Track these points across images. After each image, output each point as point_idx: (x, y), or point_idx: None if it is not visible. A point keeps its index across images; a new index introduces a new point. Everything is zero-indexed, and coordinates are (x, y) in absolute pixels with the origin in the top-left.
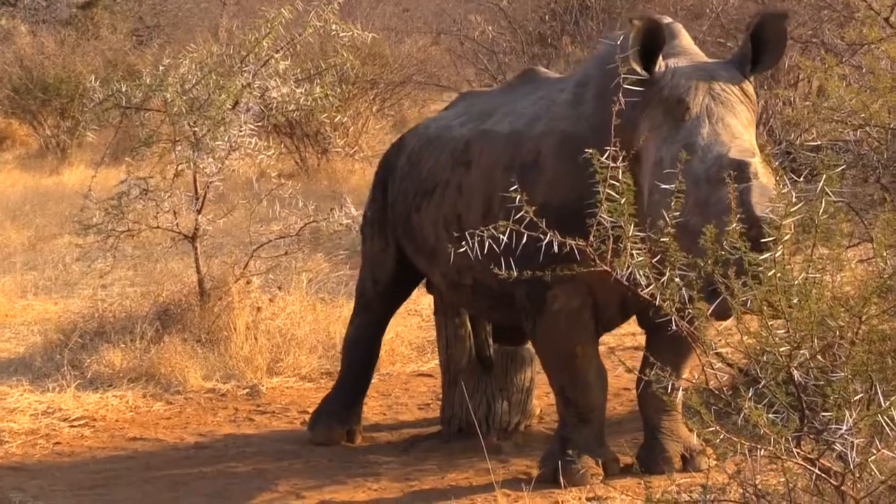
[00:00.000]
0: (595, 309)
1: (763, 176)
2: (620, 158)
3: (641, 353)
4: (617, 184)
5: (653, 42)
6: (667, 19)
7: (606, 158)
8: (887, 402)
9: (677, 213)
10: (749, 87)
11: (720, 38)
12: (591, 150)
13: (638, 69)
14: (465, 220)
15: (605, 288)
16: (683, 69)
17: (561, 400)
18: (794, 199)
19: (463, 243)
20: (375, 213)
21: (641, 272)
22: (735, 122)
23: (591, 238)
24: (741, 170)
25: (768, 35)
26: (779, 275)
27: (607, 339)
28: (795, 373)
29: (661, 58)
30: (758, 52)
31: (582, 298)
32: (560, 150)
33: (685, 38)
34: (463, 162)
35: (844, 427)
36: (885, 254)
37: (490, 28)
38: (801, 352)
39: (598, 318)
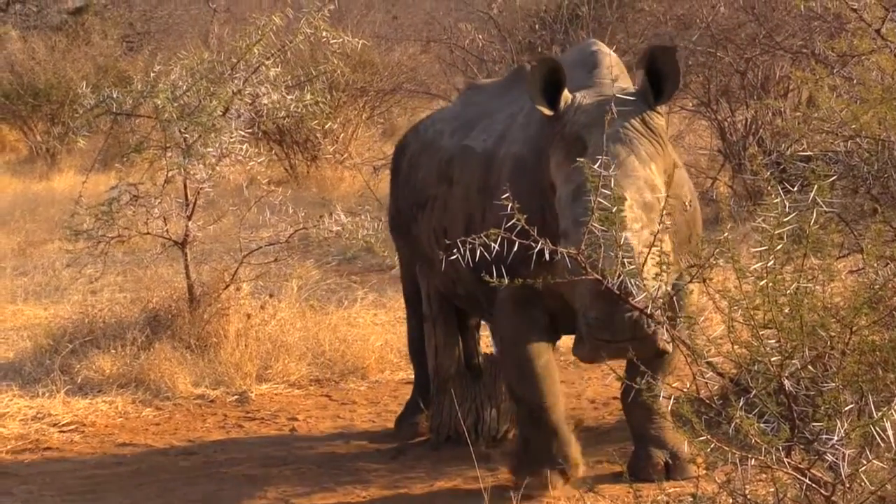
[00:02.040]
0: (553, 316)
1: (631, 221)
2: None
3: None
4: (609, 193)
5: (556, 79)
6: (594, 46)
7: (598, 167)
8: (878, 413)
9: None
10: (654, 118)
11: (710, 48)
12: (581, 160)
13: (542, 109)
14: (451, 235)
15: (554, 297)
16: (585, 106)
17: (512, 397)
18: (786, 209)
19: (454, 251)
20: (392, 212)
21: (632, 281)
22: (632, 160)
23: (583, 246)
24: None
25: (662, 67)
26: (770, 284)
27: None
28: (786, 382)
29: (566, 93)
30: (657, 83)
31: (531, 295)
32: (512, 173)
33: (606, 68)
34: (447, 178)
35: (835, 437)
36: (875, 265)
37: (480, 36)
38: (793, 362)
39: (558, 326)
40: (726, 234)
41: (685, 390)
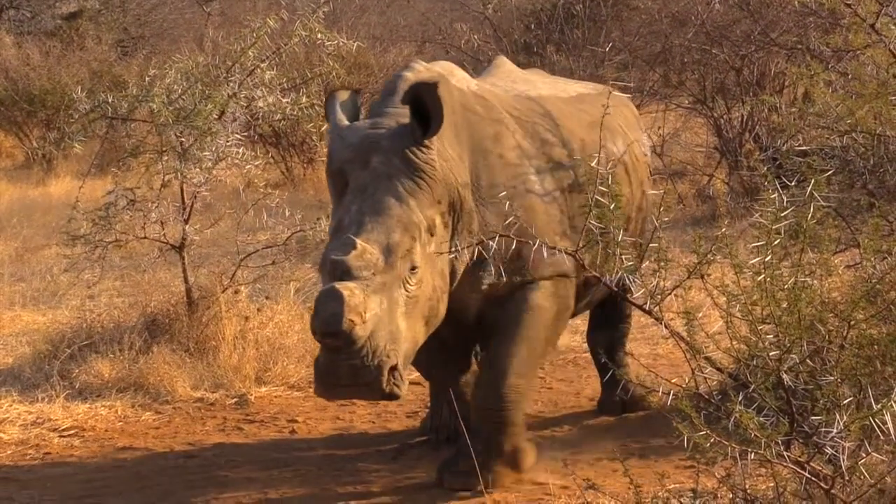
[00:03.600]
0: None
1: (358, 270)
2: (609, 166)
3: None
4: (606, 190)
5: (349, 107)
6: (404, 70)
7: (595, 165)
8: (877, 406)
9: None
10: (417, 154)
11: (705, 46)
12: (578, 157)
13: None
14: None
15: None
16: (350, 139)
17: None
18: (783, 205)
19: (452, 251)
20: None
21: (631, 277)
22: (387, 198)
23: (580, 244)
24: (333, 268)
25: (425, 101)
26: (768, 279)
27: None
28: (785, 377)
29: (340, 121)
30: (423, 117)
31: None
32: None
33: (399, 94)
34: None
35: (834, 430)
36: (872, 259)
37: (475, 37)
38: (791, 356)
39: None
40: (724, 230)
41: (684, 386)
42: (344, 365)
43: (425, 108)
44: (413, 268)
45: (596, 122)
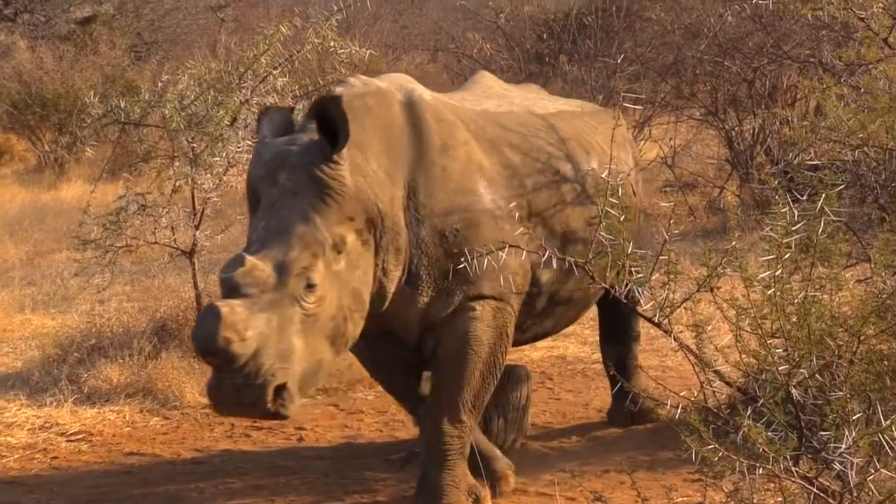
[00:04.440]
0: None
1: (245, 287)
2: (619, 178)
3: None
4: (616, 202)
5: (278, 126)
6: (337, 86)
7: (606, 177)
8: (886, 422)
9: None
10: (324, 170)
11: (717, 58)
12: (590, 168)
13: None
14: None
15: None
16: (264, 156)
17: None
18: (794, 218)
19: (462, 260)
20: None
21: (640, 289)
22: (290, 215)
23: (590, 255)
24: (222, 285)
25: (330, 115)
26: (778, 293)
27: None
28: (794, 391)
29: (263, 138)
30: (333, 132)
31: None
32: None
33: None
34: None
35: (843, 446)
36: (883, 274)
37: (488, 46)
38: (800, 370)
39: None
40: (734, 243)
41: (693, 399)
42: (227, 384)
43: (332, 122)
44: (310, 285)
45: (567, 139)
